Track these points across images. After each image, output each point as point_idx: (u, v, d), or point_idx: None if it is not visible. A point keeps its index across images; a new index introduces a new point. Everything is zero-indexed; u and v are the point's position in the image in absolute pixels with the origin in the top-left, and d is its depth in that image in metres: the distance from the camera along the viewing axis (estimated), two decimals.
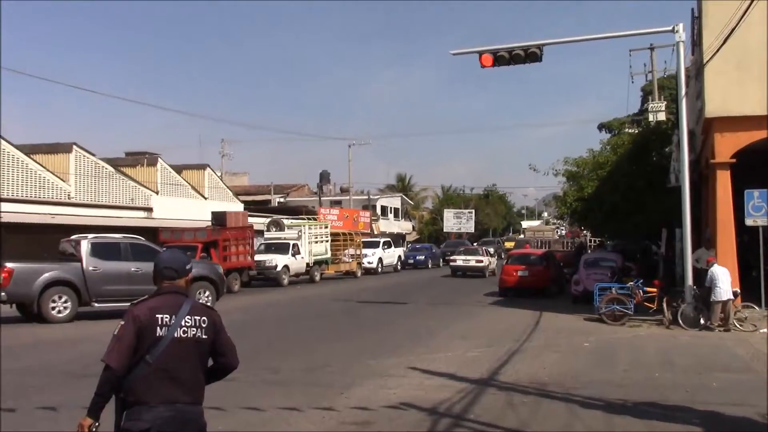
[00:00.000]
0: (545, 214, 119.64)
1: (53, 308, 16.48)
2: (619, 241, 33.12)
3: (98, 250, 17.39)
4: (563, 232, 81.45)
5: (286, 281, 29.72)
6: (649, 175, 24.33)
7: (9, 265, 16.34)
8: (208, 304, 19.01)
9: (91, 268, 17.04)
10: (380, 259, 39.48)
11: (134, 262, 17.27)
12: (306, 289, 28.73)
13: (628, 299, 16.57)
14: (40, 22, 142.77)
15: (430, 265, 44.56)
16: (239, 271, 27.24)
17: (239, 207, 40.16)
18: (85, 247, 17.15)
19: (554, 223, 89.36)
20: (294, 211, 46.78)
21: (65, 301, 16.69)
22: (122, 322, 3.69)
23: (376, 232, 53.45)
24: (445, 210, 68.76)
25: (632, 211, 24.92)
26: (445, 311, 19.91)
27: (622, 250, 27.12)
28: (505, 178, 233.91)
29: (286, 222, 34.10)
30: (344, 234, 37.47)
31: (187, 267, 3.95)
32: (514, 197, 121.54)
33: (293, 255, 30.61)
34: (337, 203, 57.52)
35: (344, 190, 60.47)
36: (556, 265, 26.48)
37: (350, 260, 36.64)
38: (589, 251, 39.94)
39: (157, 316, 3.69)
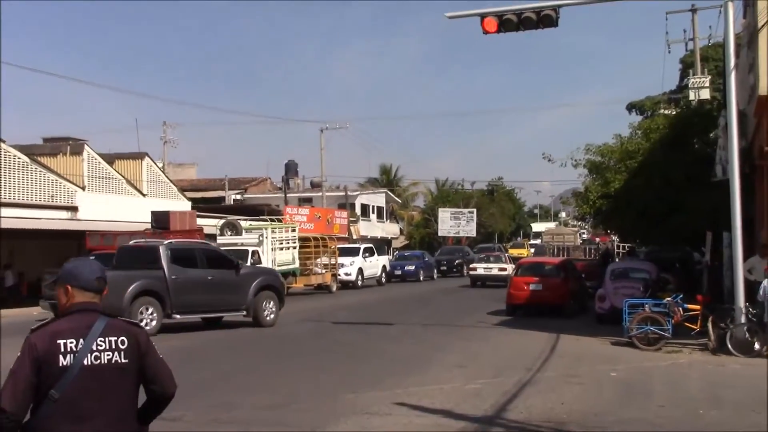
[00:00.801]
0: (563, 215, 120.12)
1: (141, 321, 16.90)
2: (654, 248, 33.23)
3: (177, 257, 19.00)
4: (586, 236, 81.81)
5: None
6: (690, 166, 24.46)
7: None
8: (272, 315, 20.87)
9: (173, 277, 18.66)
10: (360, 270, 39.48)
11: (209, 270, 19.58)
12: None
13: (664, 319, 16.60)
14: None
15: (421, 277, 44.64)
16: None
17: (186, 206, 40.01)
18: (164, 253, 18.83)
19: (574, 225, 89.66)
20: (253, 211, 46.66)
21: (152, 313, 18.01)
22: (18, 354, 3.61)
23: (355, 237, 53.45)
24: (440, 209, 68.83)
25: (669, 211, 25.03)
26: (440, 334, 19.91)
27: (657, 259, 27.23)
28: (514, 171, 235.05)
29: (243, 224, 33.96)
30: (316, 239, 37.38)
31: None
32: (525, 194, 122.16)
33: (253, 265, 30.42)
34: (307, 201, 57.43)
35: (315, 185, 60.34)
36: (576, 276, 26.59)
37: (323, 271, 36.67)
38: (617, 260, 40.20)
39: (58, 342, 3.61)
